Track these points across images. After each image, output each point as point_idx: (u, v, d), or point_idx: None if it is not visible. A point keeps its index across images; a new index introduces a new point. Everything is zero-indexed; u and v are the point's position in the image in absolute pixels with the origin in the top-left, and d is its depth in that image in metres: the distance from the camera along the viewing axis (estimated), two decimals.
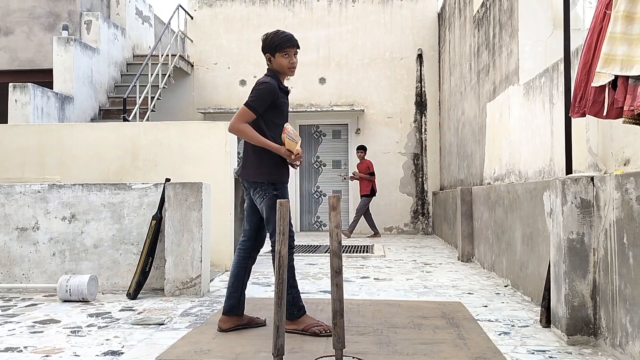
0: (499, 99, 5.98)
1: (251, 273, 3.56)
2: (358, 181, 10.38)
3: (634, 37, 2.58)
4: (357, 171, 10.33)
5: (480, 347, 3.05)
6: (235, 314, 3.41)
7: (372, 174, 10.30)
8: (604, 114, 2.84)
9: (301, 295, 4.57)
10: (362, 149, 10.44)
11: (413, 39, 11.56)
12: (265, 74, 3.42)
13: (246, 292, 3.49)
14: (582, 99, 3.00)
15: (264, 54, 3.41)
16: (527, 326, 3.52)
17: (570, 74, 3.63)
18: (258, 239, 3.52)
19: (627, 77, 2.62)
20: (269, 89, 3.29)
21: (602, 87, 2.80)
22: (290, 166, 3.45)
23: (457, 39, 9.03)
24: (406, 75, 11.55)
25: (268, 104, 3.29)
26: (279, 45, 3.35)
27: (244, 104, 3.28)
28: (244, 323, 3.42)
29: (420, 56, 11.52)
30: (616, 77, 2.67)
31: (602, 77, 2.74)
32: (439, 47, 11.38)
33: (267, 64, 3.44)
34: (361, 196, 10.27)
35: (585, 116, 3.08)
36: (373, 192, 10.25)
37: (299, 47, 3.42)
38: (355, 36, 11.65)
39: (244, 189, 3.51)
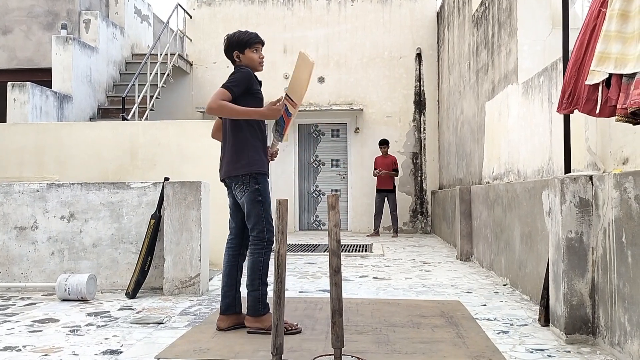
0: (497, 98, 5.98)
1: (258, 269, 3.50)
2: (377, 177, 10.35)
3: (628, 35, 2.59)
4: (381, 169, 10.26)
5: (479, 346, 3.05)
6: (232, 312, 3.41)
7: (397, 170, 10.40)
8: (597, 111, 2.84)
9: (300, 294, 4.59)
10: (385, 143, 10.40)
11: (412, 38, 11.56)
12: (236, 68, 3.46)
13: (242, 290, 3.48)
14: (571, 96, 3.00)
15: (231, 52, 3.47)
16: (526, 325, 3.52)
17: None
18: (245, 236, 3.53)
19: (621, 76, 2.62)
20: (247, 73, 3.39)
21: (596, 85, 2.80)
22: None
23: (456, 38, 9.03)
24: (405, 74, 11.55)
25: (245, 88, 3.36)
26: (248, 42, 3.46)
27: (222, 86, 3.33)
28: (243, 321, 3.42)
29: (419, 55, 11.52)
30: (610, 75, 2.68)
31: (596, 75, 2.74)
32: (438, 46, 11.38)
33: (235, 62, 3.50)
34: (385, 190, 10.26)
35: (572, 112, 3.09)
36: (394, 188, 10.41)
37: (264, 43, 3.55)
38: (354, 35, 11.65)
39: (227, 187, 3.55)
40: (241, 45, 3.46)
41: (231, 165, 3.40)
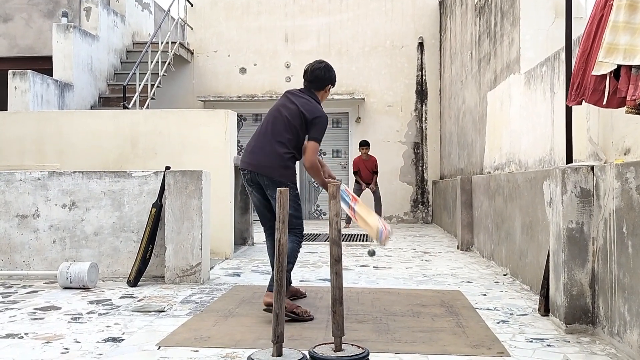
0: (499, 88, 5.96)
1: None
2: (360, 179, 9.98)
3: (637, 26, 2.57)
4: (366, 184, 9.92)
5: (479, 335, 3.07)
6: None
7: (377, 172, 10.03)
8: (604, 102, 2.82)
9: (301, 282, 4.60)
10: (366, 145, 9.87)
11: (414, 27, 11.51)
12: (314, 99, 3.76)
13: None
14: (580, 87, 2.99)
15: (326, 83, 3.81)
16: (526, 315, 3.53)
17: (572, 62, 3.61)
18: None
19: (630, 67, 2.60)
20: (326, 121, 3.71)
21: (603, 76, 2.79)
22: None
23: (458, 27, 8.99)
24: (407, 63, 11.51)
25: None
26: (335, 81, 3.90)
27: (315, 140, 3.63)
28: (289, 296, 3.59)
29: (421, 44, 11.47)
30: (619, 66, 2.66)
31: (603, 66, 2.72)
32: (440, 35, 11.33)
33: (317, 91, 3.80)
34: (370, 184, 9.91)
35: (581, 104, 3.07)
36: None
37: None
38: (356, 24, 11.59)
39: (252, 185, 3.70)
40: (334, 83, 3.87)
41: (278, 170, 3.60)
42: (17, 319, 3.41)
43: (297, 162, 3.78)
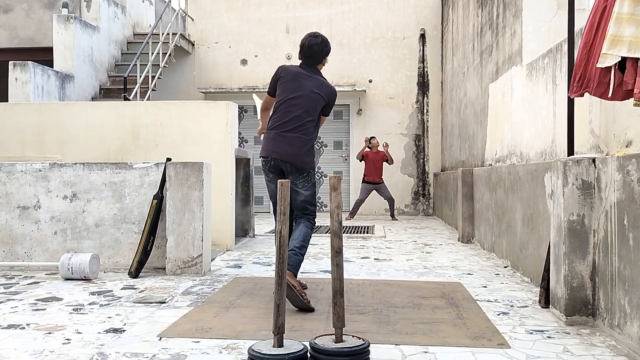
0: (501, 80, 5.94)
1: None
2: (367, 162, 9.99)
3: None
4: (372, 183, 9.98)
5: (479, 326, 3.07)
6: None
7: (389, 159, 10.13)
8: (610, 95, 2.81)
9: (302, 274, 4.61)
10: (374, 138, 10.13)
11: (416, 18, 11.46)
12: (323, 77, 3.92)
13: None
14: (582, 79, 2.97)
15: (326, 55, 3.89)
16: (526, 306, 3.54)
17: (574, 54, 3.60)
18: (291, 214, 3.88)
19: (636, 59, 2.59)
20: None
21: (608, 69, 2.77)
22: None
23: (460, 19, 8.94)
24: (408, 55, 11.47)
25: None
26: (328, 55, 3.97)
27: (326, 115, 3.94)
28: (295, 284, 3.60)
29: (423, 36, 11.43)
30: (623, 58, 2.64)
31: (608, 58, 2.70)
32: (442, 27, 11.28)
33: (319, 65, 3.91)
34: (373, 183, 9.94)
35: (583, 96, 3.06)
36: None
37: None
38: (358, 15, 11.54)
39: (274, 171, 3.80)
40: (328, 55, 3.94)
41: (301, 157, 3.72)
42: (18, 310, 3.42)
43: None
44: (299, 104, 3.74)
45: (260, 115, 4.11)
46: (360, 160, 10.14)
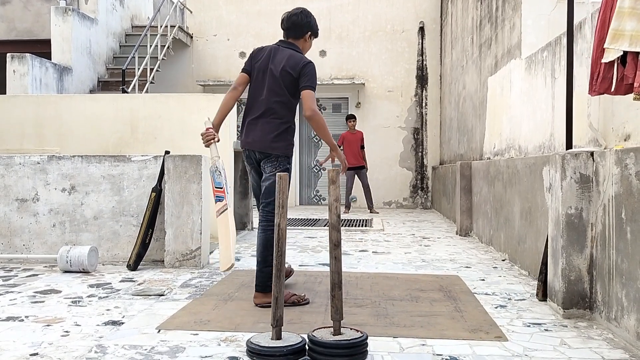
0: (500, 73, 5.93)
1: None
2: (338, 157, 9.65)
3: None
4: (354, 168, 9.55)
5: (477, 319, 3.08)
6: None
7: (363, 147, 9.72)
8: (612, 89, 2.81)
9: (300, 267, 4.62)
10: (352, 118, 9.70)
11: (415, 11, 11.42)
12: (296, 50, 3.46)
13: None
14: (599, 77, 2.95)
15: (305, 30, 3.50)
16: (524, 300, 3.55)
17: (573, 48, 3.59)
18: None
19: (636, 53, 2.59)
20: (315, 69, 3.42)
21: (612, 63, 2.77)
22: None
23: (459, 12, 8.92)
24: (407, 48, 11.44)
25: None
26: (317, 31, 3.58)
27: (310, 88, 3.32)
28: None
29: (422, 29, 11.40)
30: (625, 53, 2.64)
31: (610, 52, 2.70)
32: (441, 19, 11.25)
33: (297, 40, 3.50)
34: (355, 167, 9.55)
35: (603, 94, 3.03)
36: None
37: None
38: (357, 8, 11.51)
39: (250, 163, 3.50)
40: (314, 31, 3.55)
41: (269, 143, 3.36)
42: (17, 302, 3.42)
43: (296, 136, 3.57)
44: (264, 85, 3.40)
45: (225, 96, 3.62)
46: (340, 147, 9.55)
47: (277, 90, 3.37)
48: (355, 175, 9.72)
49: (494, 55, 6.31)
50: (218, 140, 3.49)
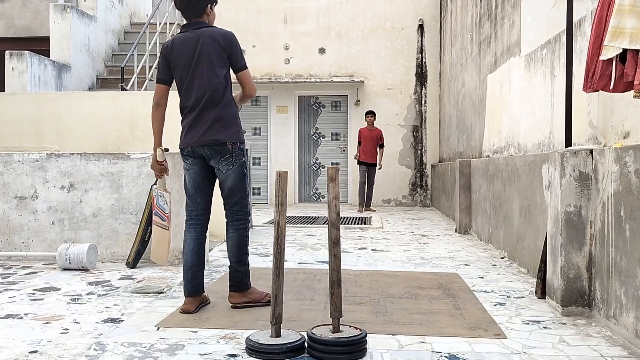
0: (499, 71, 5.93)
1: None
2: (358, 153, 9.69)
3: None
4: (368, 165, 9.61)
5: (476, 317, 3.09)
6: (201, 293, 3.22)
7: (383, 145, 9.78)
8: (611, 87, 2.81)
9: (299, 265, 4.62)
10: (372, 114, 9.70)
11: (414, 8, 11.41)
12: (212, 26, 3.21)
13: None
14: (595, 74, 2.96)
15: (204, 5, 3.17)
16: (523, 297, 3.56)
17: (573, 45, 3.59)
18: (209, 212, 3.33)
19: (637, 51, 2.59)
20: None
21: (610, 61, 2.77)
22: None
23: (459, 9, 8.91)
24: (407, 46, 11.43)
25: None
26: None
27: (244, 68, 3.18)
28: (205, 301, 3.27)
29: (421, 27, 11.39)
30: (625, 50, 2.64)
31: (610, 50, 2.70)
32: (441, 17, 11.24)
33: (202, 15, 3.19)
34: (368, 164, 9.60)
35: (597, 91, 3.04)
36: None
37: None
38: (356, 5, 11.49)
39: (193, 157, 3.25)
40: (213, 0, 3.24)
41: (219, 130, 3.11)
42: (16, 300, 3.42)
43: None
44: (196, 73, 3.14)
45: (152, 117, 3.44)
46: (359, 142, 9.70)
47: (212, 77, 3.12)
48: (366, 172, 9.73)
49: (493, 52, 6.31)
50: (168, 174, 3.47)
